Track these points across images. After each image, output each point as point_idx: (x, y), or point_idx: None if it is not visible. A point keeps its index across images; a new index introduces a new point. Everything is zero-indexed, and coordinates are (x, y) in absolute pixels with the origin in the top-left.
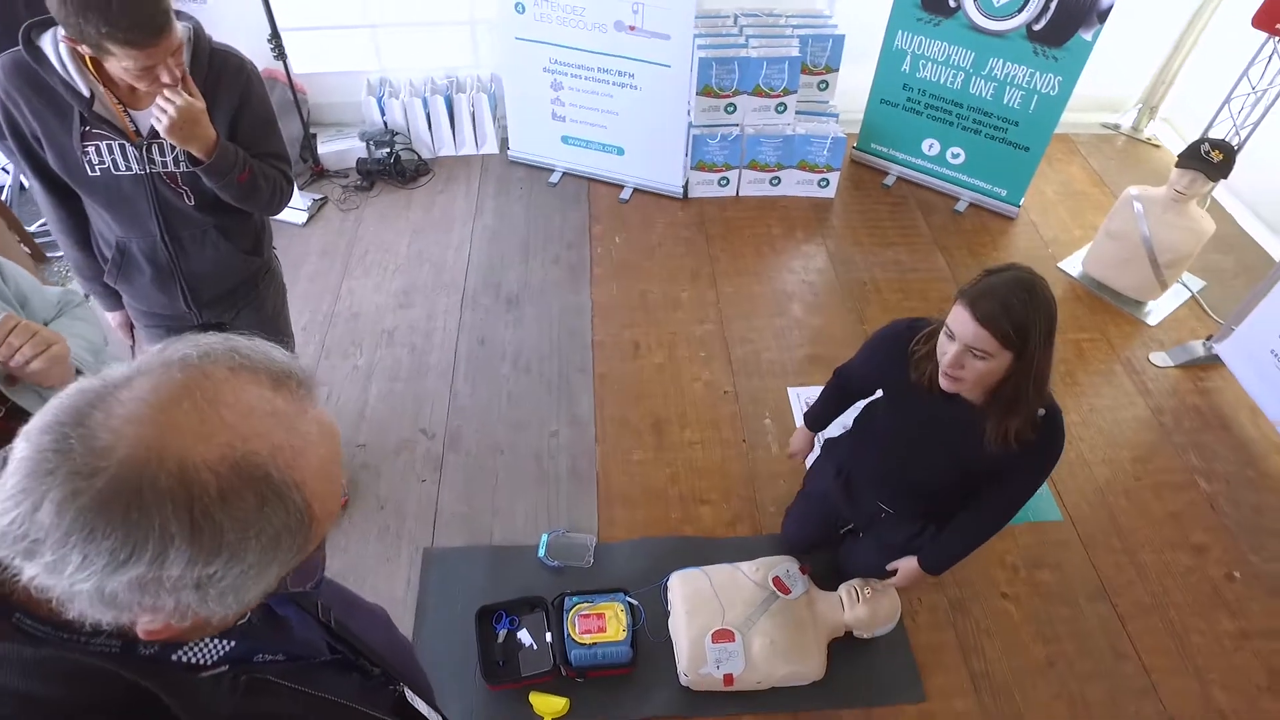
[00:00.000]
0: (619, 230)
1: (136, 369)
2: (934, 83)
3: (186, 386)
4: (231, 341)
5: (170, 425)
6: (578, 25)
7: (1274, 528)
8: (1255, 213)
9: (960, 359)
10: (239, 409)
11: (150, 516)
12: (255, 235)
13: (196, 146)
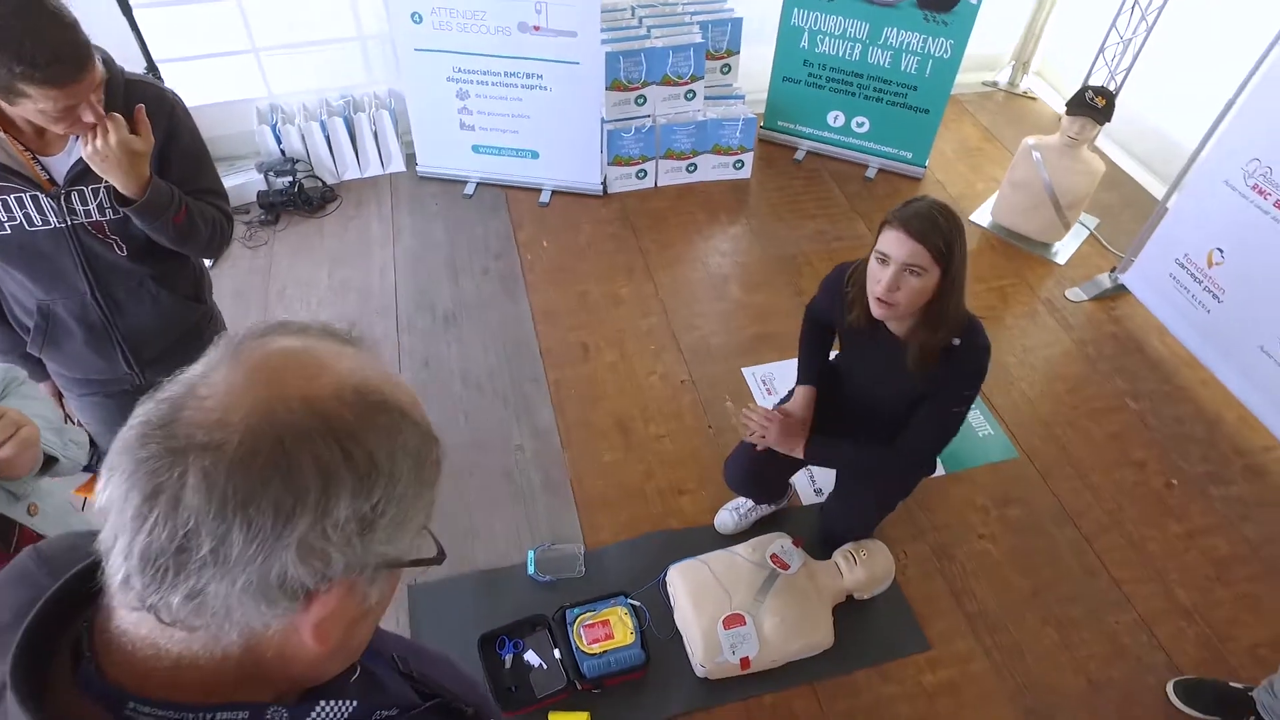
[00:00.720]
0: (544, 235)
1: (201, 369)
2: (833, 56)
3: (268, 352)
4: (279, 320)
5: (274, 379)
6: (480, 30)
7: (1194, 435)
8: (1129, 151)
9: (896, 280)
10: (328, 355)
11: (301, 454)
12: (195, 280)
13: (129, 184)
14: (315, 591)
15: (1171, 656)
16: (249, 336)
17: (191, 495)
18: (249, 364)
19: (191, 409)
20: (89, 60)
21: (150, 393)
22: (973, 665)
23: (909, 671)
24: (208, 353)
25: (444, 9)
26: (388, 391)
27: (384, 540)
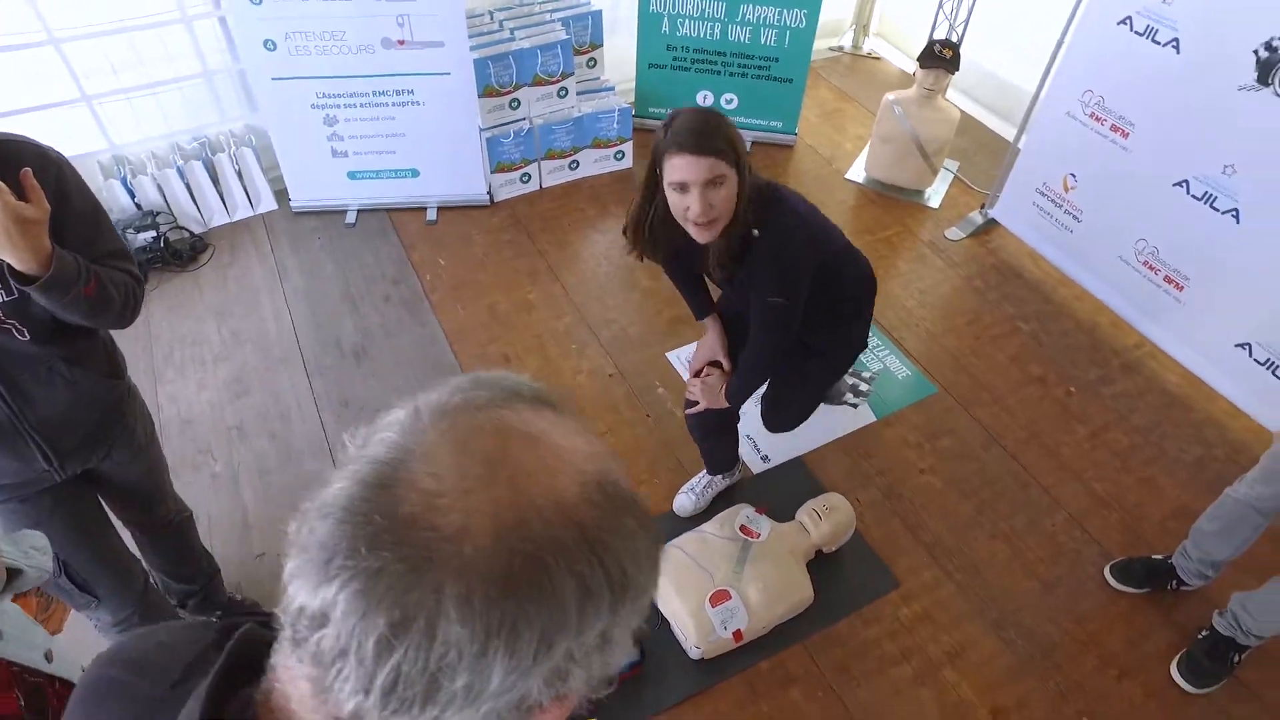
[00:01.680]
0: (439, 252)
1: (401, 438)
2: (695, 38)
3: (492, 432)
4: (469, 377)
5: (514, 476)
6: (341, 51)
7: (1079, 344)
8: (973, 98)
9: (704, 200)
10: (553, 434)
11: (562, 574)
12: (109, 354)
13: (28, 259)
14: (541, 706)
15: (1102, 545)
16: (458, 408)
17: (451, 627)
18: (475, 449)
19: (419, 505)
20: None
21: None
22: (940, 591)
23: (886, 610)
24: (399, 416)
25: (299, 33)
26: (621, 480)
27: (616, 651)
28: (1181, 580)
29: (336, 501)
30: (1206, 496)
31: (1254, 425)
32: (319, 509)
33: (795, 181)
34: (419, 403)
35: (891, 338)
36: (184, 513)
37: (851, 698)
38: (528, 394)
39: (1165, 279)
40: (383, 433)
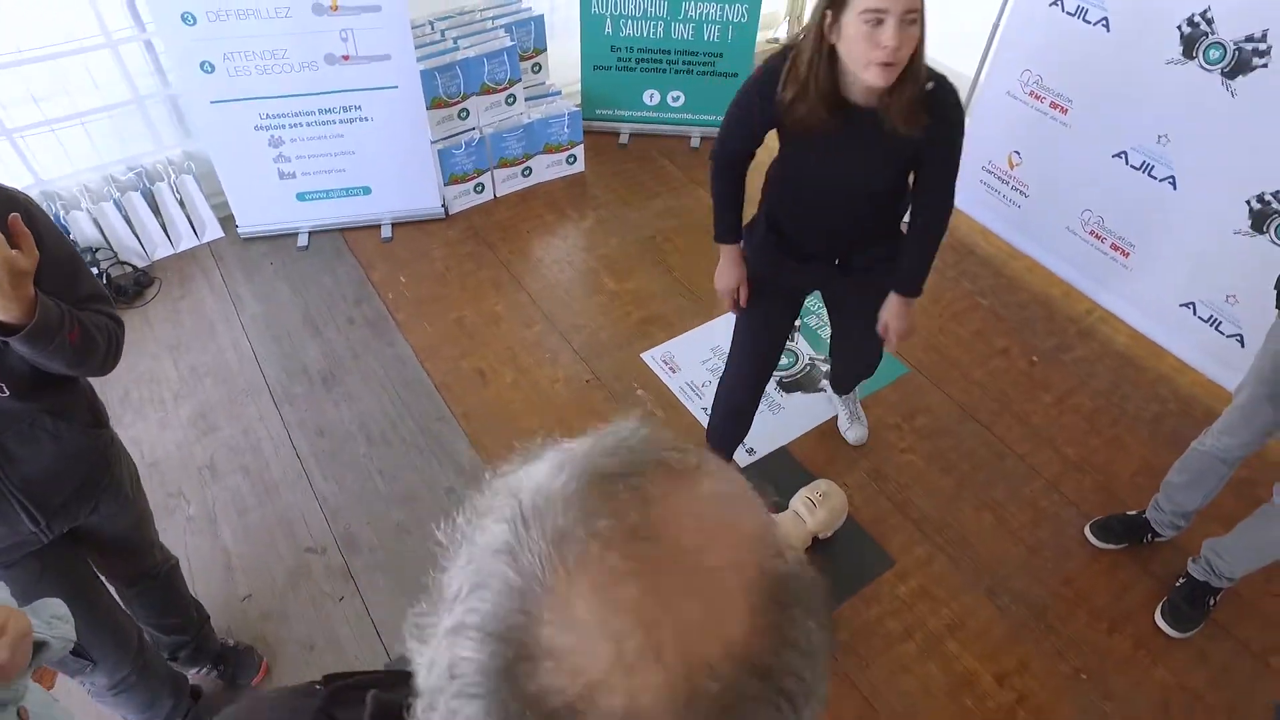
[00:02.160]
0: (398, 270)
1: (517, 600)
2: (638, 37)
3: (631, 575)
4: (564, 456)
5: (678, 637)
6: (283, 70)
7: (1036, 315)
8: None
9: (899, 34)
10: (702, 539)
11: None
12: (91, 403)
13: (13, 308)
14: None
15: (1079, 506)
16: (579, 527)
17: None
18: (620, 601)
19: (573, 692)
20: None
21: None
22: (933, 566)
23: (884, 589)
24: (501, 533)
25: (238, 53)
26: (785, 558)
27: None
28: (1156, 532)
29: (468, 673)
30: (1167, 451)
31: (1201, 379)
32: (458, 687)
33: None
34: (521, 502)
35: None
36: (170, 561)
37: (862, 679)
38: (651, 464)
39: (1112, 246)
40: (489, 565)
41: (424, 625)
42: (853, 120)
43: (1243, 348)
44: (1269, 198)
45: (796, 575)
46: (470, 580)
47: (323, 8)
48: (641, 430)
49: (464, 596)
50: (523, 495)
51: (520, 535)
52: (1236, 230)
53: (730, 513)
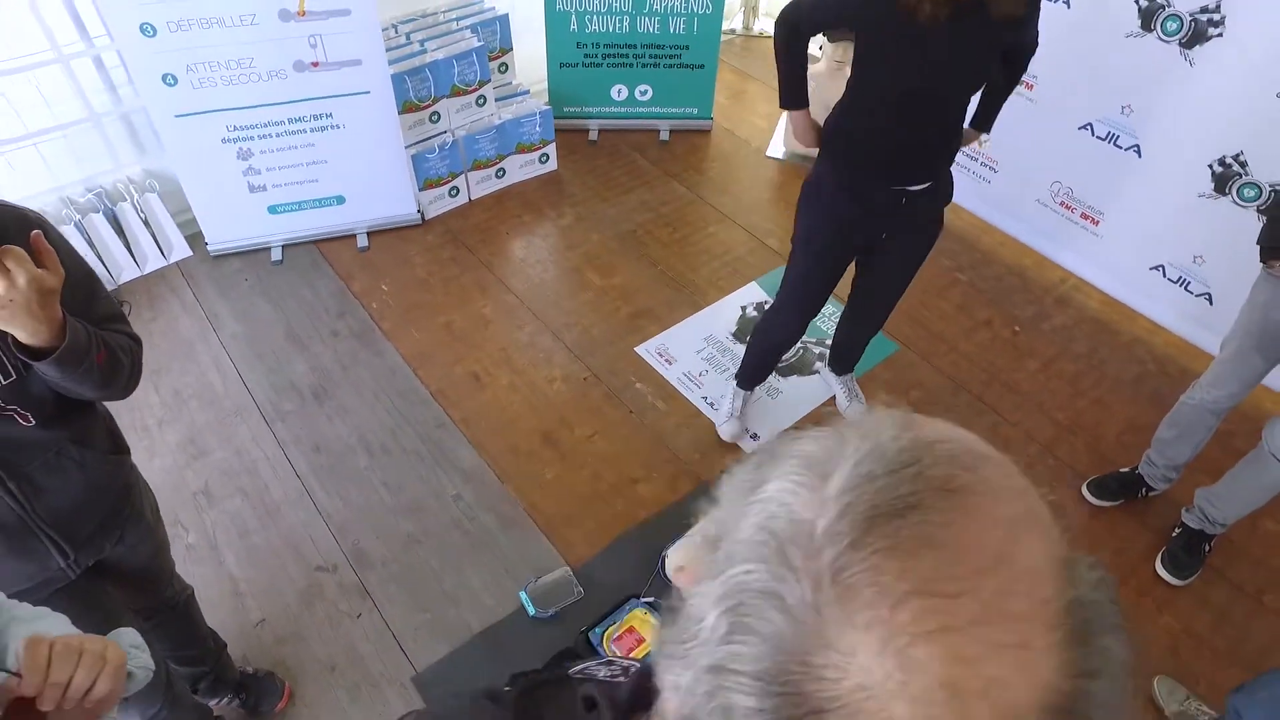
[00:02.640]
0: (379, 279)
1: (812, 635)
2: (604, 33)
3: (929, 638)
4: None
5: (986, 690)
6: (250, 80)
7: (1013, 286)
8: None
9: None
10: (1010, 574)
11: None
12: (108, 428)
13: (42, 330)
14: None
15: (1073, 467)
16: (869, 592)
17: None
18: (919, 663)
19: None
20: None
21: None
22: None
23: None
24: (757, 571)
25: (203, 64)
26: (1090, 589)
27: None
28: (1150, 486)
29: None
30: (1149, 408)
31: (1174, 338)
32: None
33: (715, 163)
34: (781, 542)
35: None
36: (187, 590)
37: None
38: (929, 492)
39: (1082, 215)
40: (753, 607)
41: (674, 649)
42: (961, 10)
43: (1211, 305)
44: (1229, 161)
45: (1092, 598)
46: (729, 621)
47: (290, 14)
48: (901, 437)
49: (723, 636)
50: (780, 532)
51: (787, 582)
52: (1200, 193)
53: (1025, 541)
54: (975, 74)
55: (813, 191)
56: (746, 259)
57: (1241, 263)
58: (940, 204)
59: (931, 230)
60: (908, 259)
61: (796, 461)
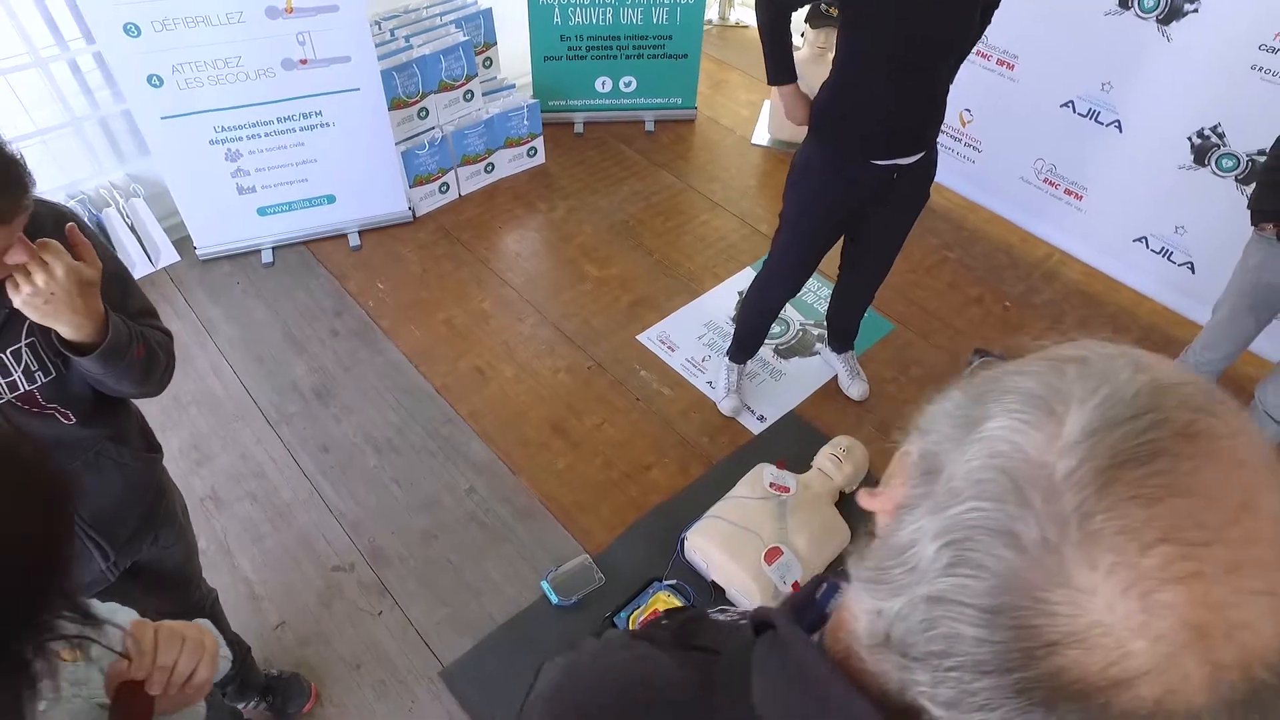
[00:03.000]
0: (374, 277)
1: (1049, 574)
2: (587, 25)
3: (1194, 563)
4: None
5: (1229, 635)
6: (237, 79)
7: (1001, 263)
8: None
9: None
10: (1256, 519)
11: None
12: (141, 427)
13: (84, 324)
14: None
15: None
16: (1115, 539)
17: None
18: (1165, 606)
19: (1078, 670)
20: (30, 179)
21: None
22: None
23: None
24: (989, 508)
25: (189, 64)
26: None
27: None
28: None
29: (976, 652)
30: None
31: (1158, 308)
32: (961, 661)
33: (701, 151)
34: (1016, 481)
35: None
36: (212, 593)
37: None
38: (1170, 437)
39: (1065, 191)
40: (981, 544)
41: (875, 575)
42: None
43: (1193, 274)
44: (1208, 133)
45: None
46: (952, 554)
47: (277, 10)
48: (1137, 380)
49: (945, 569)
50: (1013, 472)
51: (1024, 522)
52: (1181, 165)
53: (1265, 486)
54: (961, 33)
55: (801, 172)
56: (740, 245)
57: (1222, 231)
58: (927, 180)
59: (917, 204)
60: (895, 232)
61: (1017, 398)
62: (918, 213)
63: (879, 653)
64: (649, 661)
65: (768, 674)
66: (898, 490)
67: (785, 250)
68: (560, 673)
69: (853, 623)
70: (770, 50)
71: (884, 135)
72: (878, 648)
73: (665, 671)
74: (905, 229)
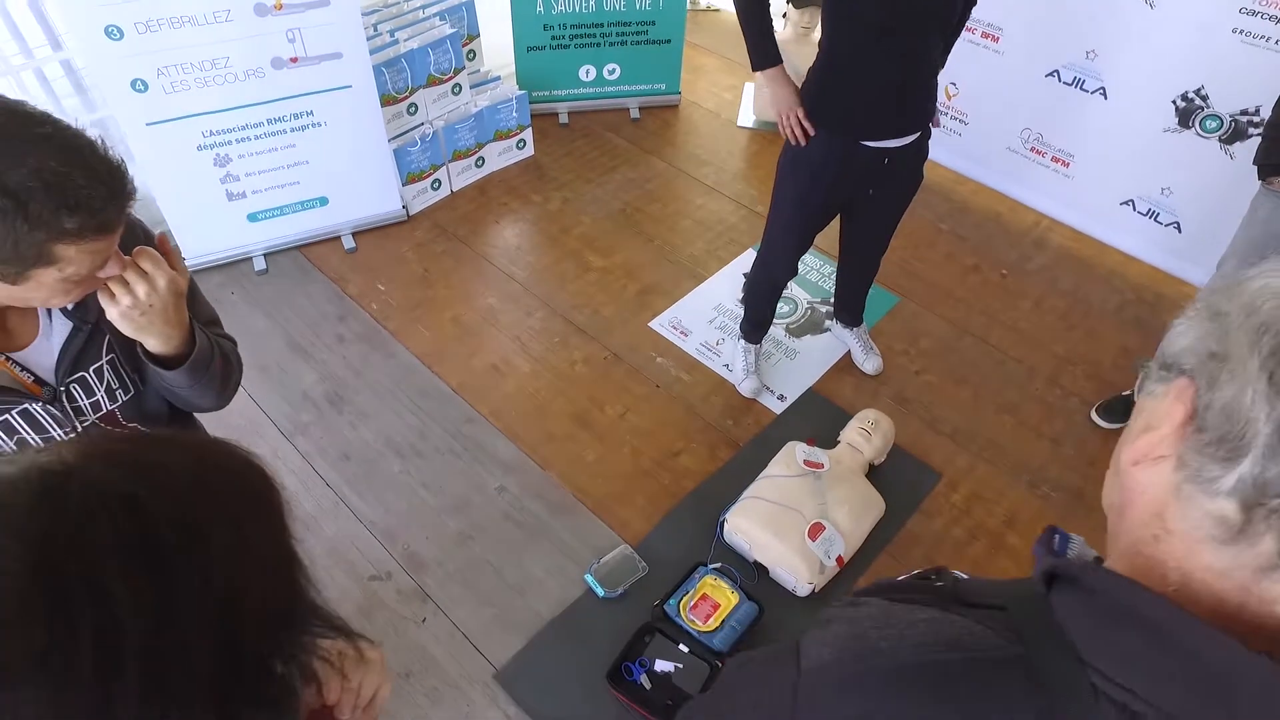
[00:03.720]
0: (375, 279)
1: None
2: (570, 13)
3: None
4: None
5: None
6: (226, 80)
7: (993, 233)
8: None
9: None
10: None
11: None
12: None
13: (175, 336)
14: None
15: (1079, 395)
16: None
17: None
18: None
19: None
20: (133, 185)
21: None
22: (976, 472)
23: (940, 503)
24: None
25: (174, 66)
26: None
27: None
28: None
29: None
30: (1134, 333)
31: (1146, 268)
32: None
33: (689, 136)
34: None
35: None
36: None
37: None
38: None
39: (1053, 159)
40: None
41: (1216, 453)
42: None
43: (1180, 234)
44: (1191, 95)
45: None
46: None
47: (266, 8)
48: None
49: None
50: None
51: None
52: (1165, 128)
53: None
54: (947, 2)
55: (793, 155)
56: (739, 227)
57: (1208, 191)
58: (919, 162)
59: (911, 186)
60: (888, 214)
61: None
62: (911, 195)
63: (1230, 550)
64: (950, 624)
65: (1093, 621)
66: (1175, 407)
67: (779, 232)
68: (839, 646)
69: (1186, 545)
70: (751, 34)
71: (875, 116)
72: (1231, 543)
73: (972, 631)
74: (899, 211)
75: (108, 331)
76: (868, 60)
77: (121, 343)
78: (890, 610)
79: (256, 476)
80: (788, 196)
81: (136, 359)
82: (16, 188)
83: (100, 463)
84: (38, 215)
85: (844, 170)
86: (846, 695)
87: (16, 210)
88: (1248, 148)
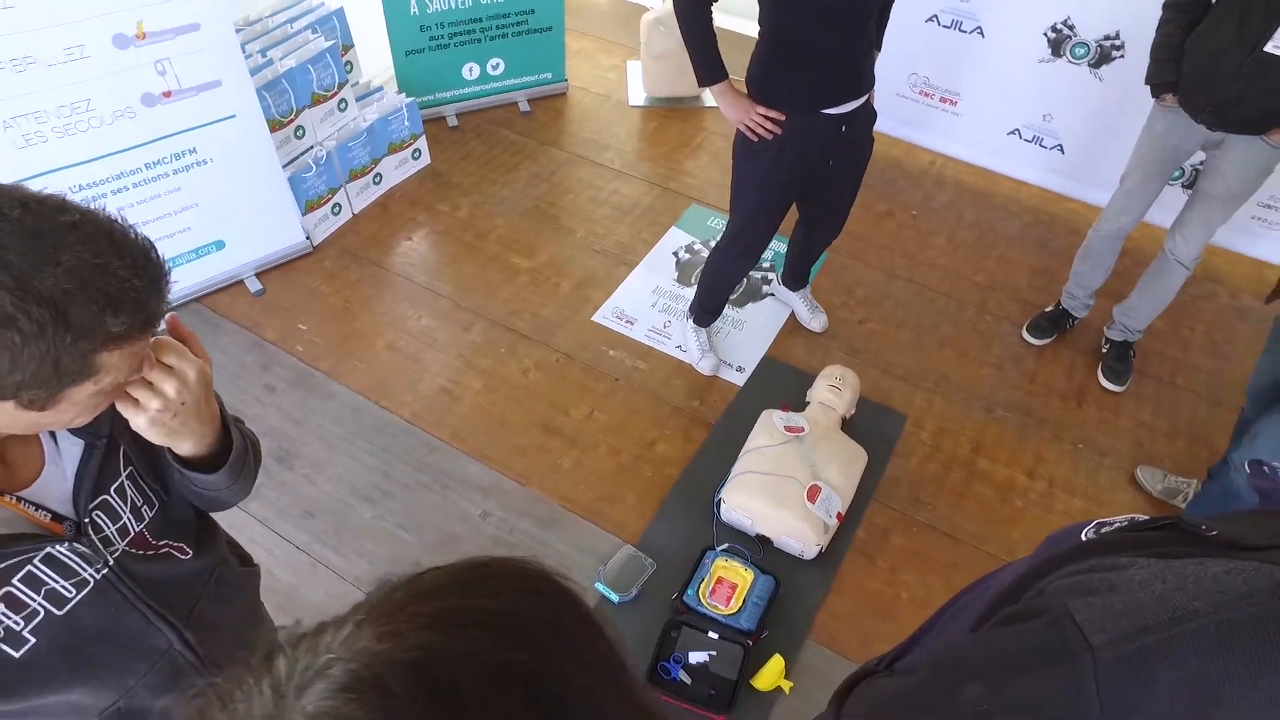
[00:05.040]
0: (293, 319)
1: None
2: (447, 11)
3: None
4: None
5: None
6: (90, 126)
7: (894, 176)
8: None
9: None
10: None
11: None
12: (226, 537)
13: (208, 434)
14: None
15: (1008, 319)
16: None
17: None
18: None
19: None
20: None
21: None
22: (935, 407)
23: (912, 444)
24: None
25: (26, 117)
26: None
27: None
28: (1074, 316)
29: None
30: (1041, 253)
31: (1036, 190)
32: None
33: (583, 122)
34: None
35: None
36: None
37: (937, 518)
38: None
39: (941, 100)
40: None
41: None
42: None
43: (1064, 155)
44: (1060, 26)
45: None
46: None
47: (127, 39)
48: None
49: None
50: None
51: None
52: (1040, 59)
53: None
54: None
55: (751, 141)
56: (656, 207)
57: (1084, 112)
58: (870, 126)
59: (868, 146)
60: (853, 177)
61: None
62: (867, 161)
63: None
64: (1259, 573)
65: None
66: None
67: (747, 220)
68: (1138, 614)
69: None
70: (696, 48)
71: (830, 83)
72: None
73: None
74: (859, 177)
75: (122, 442)
76: (815, 35)
77: (139, 452)
78: (1175, 568)
79: (573, 588)
80: (752, 183)
81: (157, 467)
82: (52, 293)
83: (442, 633)
84: (80, 322)
85: (806, 146)
86: (1165, 662)
87: (56, 321)
88: (1114, 69)
